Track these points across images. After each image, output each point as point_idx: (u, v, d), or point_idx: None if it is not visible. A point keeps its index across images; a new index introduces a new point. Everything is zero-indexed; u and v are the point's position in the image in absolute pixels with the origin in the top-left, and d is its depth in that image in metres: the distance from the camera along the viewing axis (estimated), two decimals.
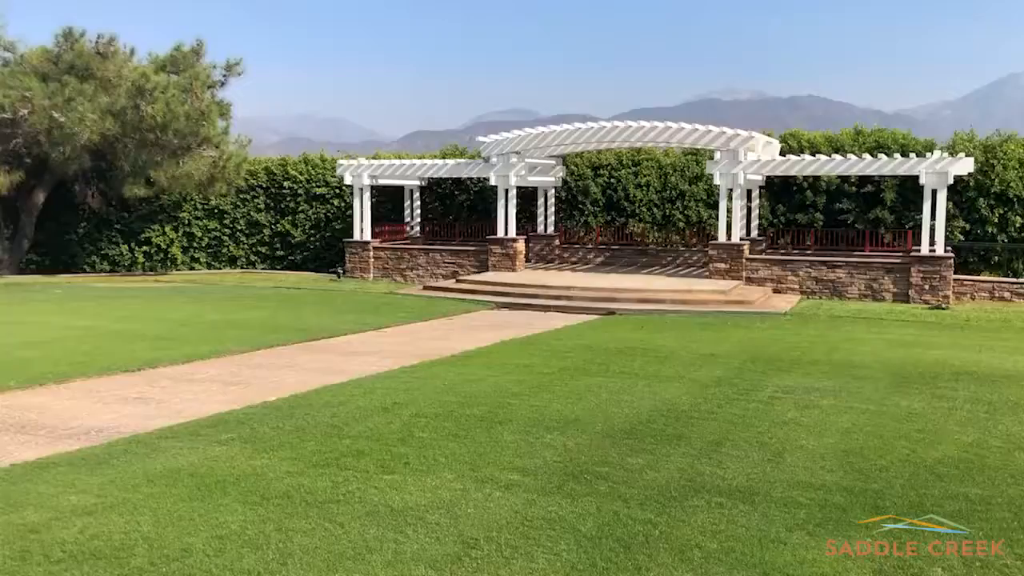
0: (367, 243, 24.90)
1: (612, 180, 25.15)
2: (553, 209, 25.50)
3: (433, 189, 27.27)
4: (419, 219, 26.91)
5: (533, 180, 24.12)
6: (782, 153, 22.19)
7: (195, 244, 29.49)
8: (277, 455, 6.28)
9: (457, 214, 26.95)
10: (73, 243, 29.66)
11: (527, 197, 25.29)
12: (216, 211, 29.20)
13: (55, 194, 28.61)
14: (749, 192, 22.32)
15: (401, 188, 26.96)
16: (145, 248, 29.26)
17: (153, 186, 26.80)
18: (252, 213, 29.12)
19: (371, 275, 24.72)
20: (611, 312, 16.59)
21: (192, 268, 29.29)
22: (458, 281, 21.57)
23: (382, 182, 25.54)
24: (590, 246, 25.08)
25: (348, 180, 25.18)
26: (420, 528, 4.81)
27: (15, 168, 26.50)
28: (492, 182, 22.86)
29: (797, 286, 19.72)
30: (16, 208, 28.63)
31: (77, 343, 12.17)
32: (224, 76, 28.35)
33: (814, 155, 20.52)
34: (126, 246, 29.35)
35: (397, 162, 25.44)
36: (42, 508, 5.07)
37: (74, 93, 25.15)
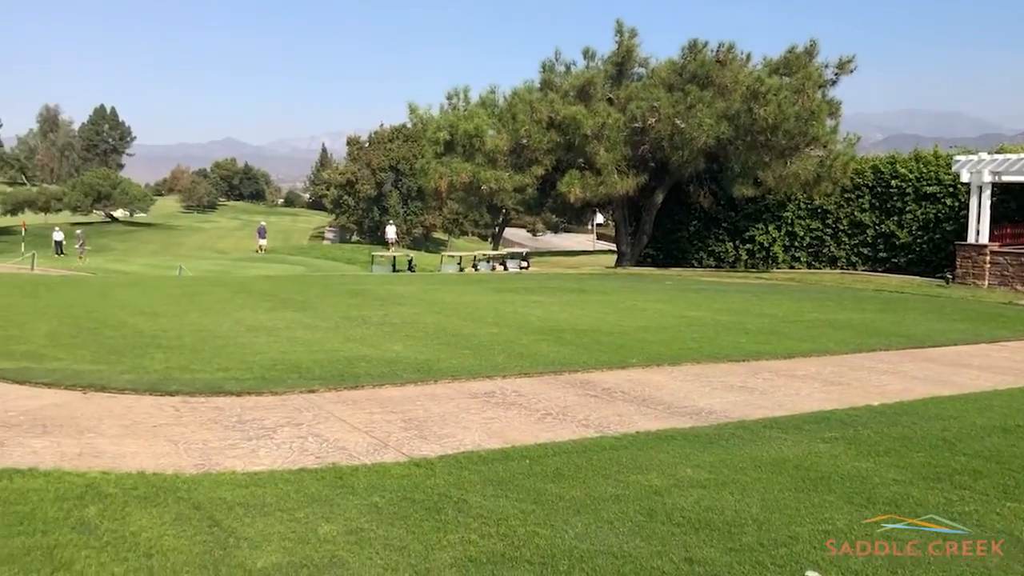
0: (983, 247, 22.54)
1: None
2: None
3: None
4: None
5: None
6: None
7: (796, 243, 29.84)
8: (882, 460, 6.06)
9: None
10: (684, 239, 32.29)
11: None
12: (819, 211, 29.15)
13: (670, 194, 31.48)
14: None
15: None
16: (748, 246, 30.53)
17: (760, 186, 27.84)
18: (855, 213, 28.42)
19: (985, 282, 22.32)
20: None
21: (792, 267, 29.71)
22: None
23: (1006, 179, 22.83)
24: None
25: (965, 177, 23.08)
26: None
27: (640, 172, 29.80)
28: None
29: None
30: (639, 207, 32.22)
31: (687, 330, 13.22)
32: (835, 75, 28.16)
33: None
34: (731, 243, 30.98)
35: None
36: (663, 474, 5.64)
37: (694, 100, 27.32)
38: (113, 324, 12.10)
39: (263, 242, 58.51)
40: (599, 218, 68.20)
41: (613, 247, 42.80)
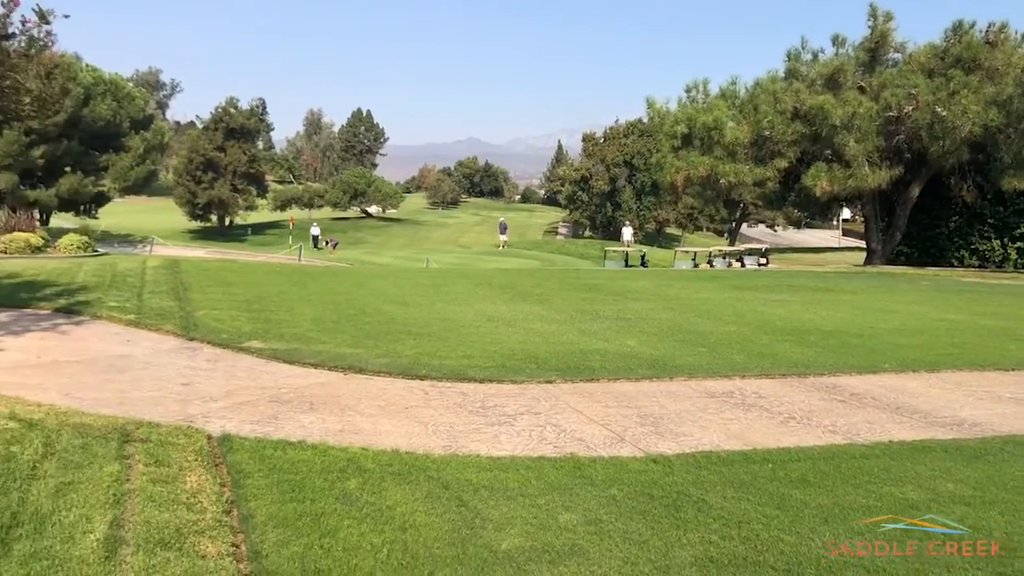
0: None
1: None
2: None
3: None
4: None
5: None
6: None
7: None
8: None
9: None
10: (942, 236, 29.83)
11: None
12: None
13: (927, 188, 29.18)
14: None
15: None
16: (1019, 244, 27.73)
17: None
18: None
19: None
20: None
21: None
22: None
23: None
24: None
25: None
26: None
27: (894, 163, 27.86)
28: None
29: None
30: (891, 202, 30.13)
31: (945, 335, 12.22)
32: None
33: None
34: (998, 241, 28.26)
35: None
36: (920, 487, 5.25)
37: (958, 86, 25.15)
38: (369, 311, 13.00)
39: (504, 237, 60.62)
40: (846, 213, 64.54)
41: (861, 244, 40.37)
